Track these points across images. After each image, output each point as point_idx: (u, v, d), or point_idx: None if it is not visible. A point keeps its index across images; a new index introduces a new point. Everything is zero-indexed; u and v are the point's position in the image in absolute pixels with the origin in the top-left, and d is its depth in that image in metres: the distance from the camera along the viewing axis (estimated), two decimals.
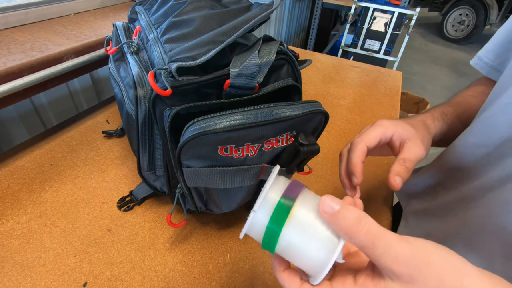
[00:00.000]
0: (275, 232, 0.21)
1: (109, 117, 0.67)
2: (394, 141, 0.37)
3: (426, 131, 0.40)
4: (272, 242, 0.22)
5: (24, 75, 0.51)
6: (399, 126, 0.37)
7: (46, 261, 0.40)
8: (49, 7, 0.69)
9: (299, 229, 0.21)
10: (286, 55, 0.38)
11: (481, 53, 0.49)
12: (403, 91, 2.08)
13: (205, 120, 0.31)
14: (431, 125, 0.42)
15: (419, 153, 0.36)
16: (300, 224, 0.21)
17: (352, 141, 0.37)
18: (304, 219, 0.22)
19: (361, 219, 0.19)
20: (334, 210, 0.20)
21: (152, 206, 0.48)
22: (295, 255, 0.22)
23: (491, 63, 0.47)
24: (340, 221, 0.20)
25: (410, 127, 0.37)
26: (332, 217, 0.20)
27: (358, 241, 0.19)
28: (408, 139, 0.37)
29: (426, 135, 0.39)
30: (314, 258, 0.21)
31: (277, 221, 0.21)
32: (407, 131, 0.37)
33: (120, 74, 0.45)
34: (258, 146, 0.34)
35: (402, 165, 0.35)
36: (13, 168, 0.52)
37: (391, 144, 0.38)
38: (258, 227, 0.22)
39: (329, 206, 0.20)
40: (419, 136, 0.37)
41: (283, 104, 0.33)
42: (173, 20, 0.41)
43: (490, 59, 0.47)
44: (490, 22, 3.92)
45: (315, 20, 2.60)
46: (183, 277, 0.40)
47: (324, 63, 1.03)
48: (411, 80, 3.16)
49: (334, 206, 0.20)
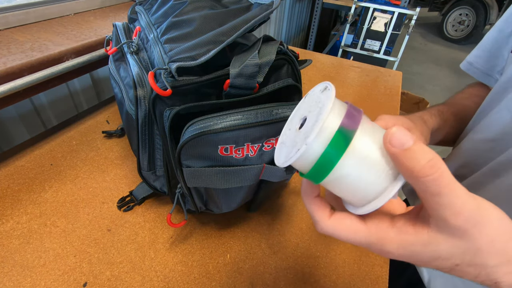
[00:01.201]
0: (332, 162, 0.19)
1: (109, 117, 0.67)
2: None
3: (424, 125, 0.42)
4: (324, 171, 0.19)
5: (24, 75, 0.51)
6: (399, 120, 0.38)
7: (46, 261, 0.40)
8: (49, 7, 0.69)
9: (359, 160, 0.19)
10: (286, 55, 0.38)
11: (470, 59, 0.52)
12: (403, 91, 2.08)
13: (205, 120, 0.31)
14: (429, 120, 0.44)
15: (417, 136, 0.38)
16: (360, 155, 0.19)
17: None
18: (365, 150, 0.19)
19: (434, 164, 0.17)
20: (404, 146, 0.17)
21: (152, 206, 0.48)
22: (347, 186, 0.20)
23: (482, 68, 0.51)
24: (410, 160, 0.17)
25: (409, 121, 0.39)
26: (401, 154, 0.17)
27: (424, 186, 0.17)
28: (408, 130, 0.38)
29: (425, 128, 0.41)
30: (370, 189, 0.19)
31: (336, 149, 0.19)
32: (407, 123, 0.38)
33: (120, 74, 0.45)
34: (258, 146, 0.34)
35: None
36: (13, 168, 0.52)
37: None
38: (311, 156, 0.19)
39: (399, 141, 0.17)
40: (418, 128, 0.39)
41: (283, 104, 0.33)
42: (173, 20, 0.41)
43: (481, 64, 0.51)
44: (490, 22, 3.92)
45: (315, 20, 2.60)
46: (183, 277, 0.40)
47: (324, 63, 1.02)
48: (411, 80, 3.16)
49: (405, 141, 0.17)
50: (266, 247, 0.44)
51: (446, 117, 0.47)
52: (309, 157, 0.19)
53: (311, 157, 0.19)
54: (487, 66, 0.50)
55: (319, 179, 0.20)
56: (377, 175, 0.19)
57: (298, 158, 0.19)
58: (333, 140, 0.18)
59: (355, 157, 0.19)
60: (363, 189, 0.19)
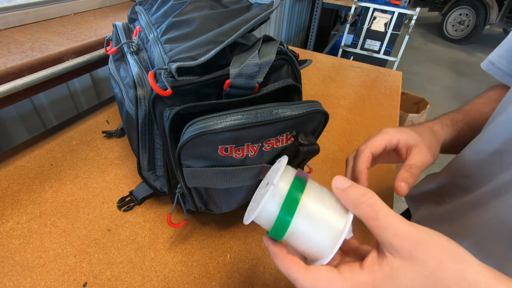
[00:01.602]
0: (286, 222, 0.23)
1: (109, 117, 0.67)
2: (400, 148, 0.38)
3: (433, 137, 0.40)
4: (282, 231, 0.23)
5: (24, 75, 0.51)
6: (404, 134, 0.37)
7: (46, 261, 0.40)
8: (49, 7, 0.69)
9: (309, 217, 0.23)
10: (286, 55, 0.38)
11: (493, 58, 0.47)
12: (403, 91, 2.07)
13: (205, 120, 0.31)
14: (440, 132, 0.42)
15: (425, 159, 0.36)
16: (309, 212, 0.23)
17: (358, 148, 0.38)
18: (313, 208, 0.23)
19: (366, 194, 0.22)
20: (344, 186, 0.23)
21: (152, 206, 0.48)
22: (303, 239, 0.23)
23: (505, 68, 0.46)
24: (349, 195, 0.22)
25: (416, 134, 0.38)
26: (342, 192, 0.23)
27: (363, 212, 0.21)
28: (415, 145, 0.37)
29: (434, 141, 0.39)
30: (325, 238, 0.23)
31: (288, 211, 0.23)
32: (413, 138, 0.37)
33: (120, 74, 0.45)
34: (258, 146, 0.34)
35: (408, 171, 0.35)
36: (13, 168, 0.52)
37: (398, 151, 0.39)
38: (268, 216, 0.23)
39: (341, 183, 0.23)
40: (425, 142, 0.38)
41: (283, 104, 0.33)
42: (173, 20, 0.41)
43: (504, 64, 0.46)
44: (490, 22, 3.92)
45: (315, 20, 2.60)
46: (183, 277, 0.40)
47: (324, 63, 1.02)
48: (411, 80, 3.16)
49: (345, 183, 0.23)
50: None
51: (461, 127, 0.44)
52: (268, 215, 0.23)
53: (270, 215, 0.23)
54: (510, 66, 0.45)
55: (280, 235, 0.23)
56: (329, 222, 0.23)
57: (257, 216, 0.23)
58: (286, 200, 0.23)
59: (307, 212, 0.23)
60: (320, 238, 0.23)
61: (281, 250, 0.24)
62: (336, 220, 0.23)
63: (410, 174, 0.35)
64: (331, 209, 0.23)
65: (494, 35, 4.83)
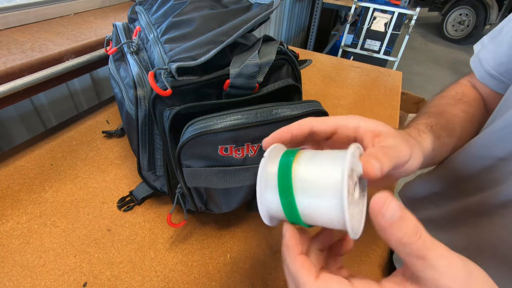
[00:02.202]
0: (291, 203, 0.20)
1: (109, 117, 0.67)
2: (362, 134, 0.26)
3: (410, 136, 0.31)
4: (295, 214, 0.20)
5: (24, 75, 0.51)
6: (368, 120, 0.27)
7: (46, 261, 0.40)
8: (49, 7, 0.69)
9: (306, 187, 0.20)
10: (286, 55, 0.38)
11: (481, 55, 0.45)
12: (403, 91, 2.08)
13: (205, 120, 0.31)
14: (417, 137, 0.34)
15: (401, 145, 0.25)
16: (304, 181, 0.20)
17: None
18: (306, 175, 0.20)
19: (418, 229, 0.18)
20: (393, 218, 0.18)
21: (152, 206, 0.48)
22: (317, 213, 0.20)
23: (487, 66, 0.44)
24: (398, 232, 0.18)
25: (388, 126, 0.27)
26: (390, 226, 0.18)
27: (409, 250, 0.18)
28: (383, 132, 0.26)
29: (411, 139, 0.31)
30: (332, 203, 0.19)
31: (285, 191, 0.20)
32: (380, 124, 0.26)
33: (120, 74, 0.45)
34: (258, 146, 0.34)
35: (378, 148, 0.24)
36: (13, 168, 0.52)
37: (360, 139, 0.26)
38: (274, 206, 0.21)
39: (390, 214, 0.18)
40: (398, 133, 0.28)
41: (282, 104, 0.33)
42: (173, 20, 0.41)
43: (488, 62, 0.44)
44: (490, 22, 3.91)
45: (315, 20, 2.60)
46: (183, 277, 0.40)
47: (324, 63, 1.03)
48: (411, 80, 3.16)
49: (395, 213, 0.18)
50: (266, 247, 0.44)
51: (438, 132, 0.37)
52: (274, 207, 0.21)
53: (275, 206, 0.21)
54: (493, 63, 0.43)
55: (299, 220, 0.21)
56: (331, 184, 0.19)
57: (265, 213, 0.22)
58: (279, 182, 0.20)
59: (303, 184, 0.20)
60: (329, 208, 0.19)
61: (296, 246, 0.22)
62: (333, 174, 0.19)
63: (382, 152, 0.23)
64: (324, 166, 0.19)
65: None
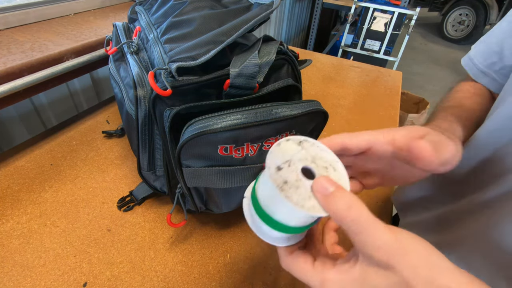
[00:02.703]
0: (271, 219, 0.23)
1: (109, 117, 0.67)
2: (400, 146, 0.25)
3: (445, 131, 0.30)
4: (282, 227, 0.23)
5: (24, 75, 0.51)
6: (401, 129, 0.26)
7: (46, 261, 0.40)
8: (49, 7, 0.69)
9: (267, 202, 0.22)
10: (286, 55, 0.38)
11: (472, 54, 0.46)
12: (403, 91, 2.08)
13: (205, 120, 0.31)
14: (450, 129, 0.33)
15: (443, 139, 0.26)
16: (264, 198, 0.23)
17: None
18: (262, 192, 0.23)
19: (352, 206, 0.19)
20: (327, 192, 0.20)
21: (152, 206, 0.48)
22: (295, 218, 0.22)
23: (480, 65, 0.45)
24: (331, 205, 0.20)
25: (423, 127, 0.27)
26: (324, 198, 0.20)
27: (346, 226, 0.20)
28: (423, 135, 0.26)
29: (449, 134, 0.29)
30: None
31: (259, 211, 0.23)
32: (416, 129, 0.26)
33: (120, 74, 0.45)
34: (257, 146, 0.34)
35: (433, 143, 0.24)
36: (13, 168, 0.52)
37: (398, 153, 0.25)
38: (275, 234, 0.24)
39: (323, 187, 0.20)
40: (436, 131, 0.27)
41: (282, 104, 0.33)
42: (173, 20, 0.41)
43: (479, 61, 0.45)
44: (490, 22, 3.91)
45: (315, 20, 2.60)
46: (183, 277, 0.40)
47: (324, 63, 1.03)
48: (411, 80, 3.16)
49: (328, 187, 0.20)
50: (266, 247, 0.44)
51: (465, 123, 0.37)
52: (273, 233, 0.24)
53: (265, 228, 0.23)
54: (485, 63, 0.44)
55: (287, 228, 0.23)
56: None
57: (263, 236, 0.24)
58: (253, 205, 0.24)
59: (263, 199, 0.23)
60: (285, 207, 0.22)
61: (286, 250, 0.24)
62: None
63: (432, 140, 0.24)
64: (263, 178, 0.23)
65: None
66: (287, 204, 0.20)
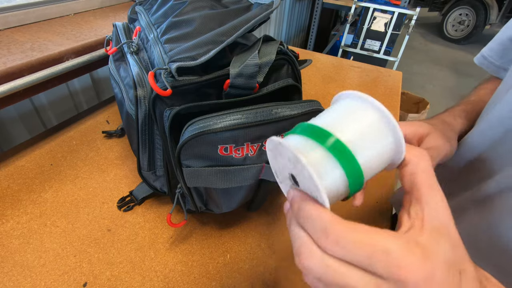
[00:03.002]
0: (355, 166, 0.18)
1: (109, 117, 0.67)
2: (409, 140, 0.33)
3: (447, 127, 0.36)
4: (359, 176, 0.18)
5: (24, 75, 0.51)
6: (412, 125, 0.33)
7: (46, 261, 0.40)
8: (49, 7, 0.69)
9: (360, 140, 0.19)
10: (286, 55, 0.38)
11: (485, 52, 0.47)
12: (403, 91, 2.08)
13: (205, 120, 0.31)
14: (453, 122, 0.38)
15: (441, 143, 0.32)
16: (356, 135, 0.19)
17: None
18: (353, 132, 0.19)
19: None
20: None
21: (152, 206, 0.48)
22: (376, 158, 0.19)
23: (496, 62, 0.45)
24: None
25: (426, 124, 0.34)
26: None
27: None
28: (425, 134, 0.33)
29: (448, 130, 0.36)
30: (389, 137, 0.19)
31: (344, 160, 0.18)
32: (422, 127, 0.33)
33: (120, 74, 0.45)
34: (257, 146, 0.34)
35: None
36: (13, 168, 0.52)
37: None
38: (336, 186, 0.18)
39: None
40: (438, 130, 0.33)
41: (282, 104, 0.33)
42: (173, 20, 0.41)
43: (495, 58, 0.46)
44: (490, 22, 3.92)
45: (315, 20, 2.60)
46: (183, 277, 0.40)
47: (324, 63, 1.02)
48: (411, 80, 3.16)
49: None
50: (266, 247, 0.44)
51: (473, 117, 0.41)
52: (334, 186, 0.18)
53: (336, 184, 0.18)
54: (501, 60, 0.44)
55: (360, 179, 0.19)
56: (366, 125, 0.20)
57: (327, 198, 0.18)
58: (336, 156, 0.18)
59: (353, 139, 0.18)
60: (382, 139, 0.19)
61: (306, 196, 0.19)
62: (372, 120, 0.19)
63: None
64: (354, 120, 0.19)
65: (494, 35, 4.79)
66: (390, 137, 0.18)
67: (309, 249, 0.17)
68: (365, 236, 0.16)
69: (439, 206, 0.18)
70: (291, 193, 0.20)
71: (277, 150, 0.21)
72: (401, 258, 0.15)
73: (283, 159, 0.20)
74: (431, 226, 0.17)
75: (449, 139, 0.34)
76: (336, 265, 0.16)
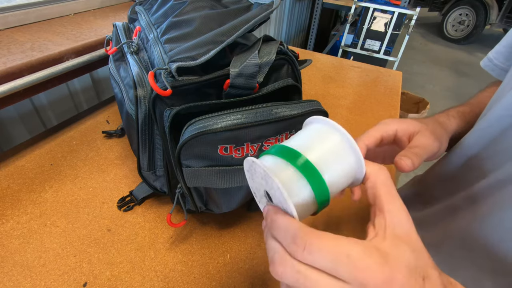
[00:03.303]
0: (322, 184, 0.20)
1: (109, 117, 0.67)
2: (400, 137, 0.34)
3: (438, 126, 0.37)
4: (325, 193, 0.21)
5: (24, 75, 0.51)
6: (403, 122, 0.34)
7: (46, 261, 0.40)
8: (49, 7, 0.69)
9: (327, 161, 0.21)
10: (286, 55, 0.38)
11: (491, 55, 0.47)
12: (403, 91, 2.08)
13: (205, 120, 0.31)
14: (446, 122, 0.39)
15: (429, 142, 0.33)
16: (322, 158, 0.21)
17: None
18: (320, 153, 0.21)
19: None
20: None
21: (152, 206, 0.48)
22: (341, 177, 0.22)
23: (502, 65, 0.45)
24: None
25: (418, 122, 0.35)
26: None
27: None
28: (416, 132, 0.34)
29: (439, 130, 0.36)
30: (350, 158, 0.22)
31: (312, 177, 0.20)
32: (413, 125, 0.34)
33: (120, 74, 0.45)
34: (257, 146, 0.34)
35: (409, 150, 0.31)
36: (13, 168, 0.52)
37: (399, 142, 0.35)
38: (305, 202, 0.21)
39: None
40: (428, 128, 0.34)
41: (282, 104, 0.33)
42: (173, 20, 0.41)
43: (500, 61, 0.45)
44: (490, 22, 3.92)
45: (315, 20, 2.60)
46: (183, 277, 0.40)
47: (324, 63, 1.02)
48: (411, 80, 3.16)
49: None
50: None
51: (469, 119, 0.42)
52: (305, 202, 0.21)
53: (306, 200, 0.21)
54: (507, 63, 0.44)
55: (326, 196, 0.21)
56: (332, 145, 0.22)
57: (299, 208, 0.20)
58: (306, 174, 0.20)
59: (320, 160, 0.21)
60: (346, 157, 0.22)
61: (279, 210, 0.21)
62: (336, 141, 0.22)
63: (412, 152, 0.31)
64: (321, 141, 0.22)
65: (494, 35, 4.83)
66: (352, 156, 0.21)
67: (281, 257, 0.18)
68: (330, 243, 0.17)
69: (401, 215, 0.20)
70: (266, 208, 0.21)
71: (252, 169, 0.23)
72: (360, 261, 0.17)
73: (258, 178, 0.22)
74: (393, 233, 0.19)
75: (439, 138, 0.35)
76: (307, 271, 0.17)
